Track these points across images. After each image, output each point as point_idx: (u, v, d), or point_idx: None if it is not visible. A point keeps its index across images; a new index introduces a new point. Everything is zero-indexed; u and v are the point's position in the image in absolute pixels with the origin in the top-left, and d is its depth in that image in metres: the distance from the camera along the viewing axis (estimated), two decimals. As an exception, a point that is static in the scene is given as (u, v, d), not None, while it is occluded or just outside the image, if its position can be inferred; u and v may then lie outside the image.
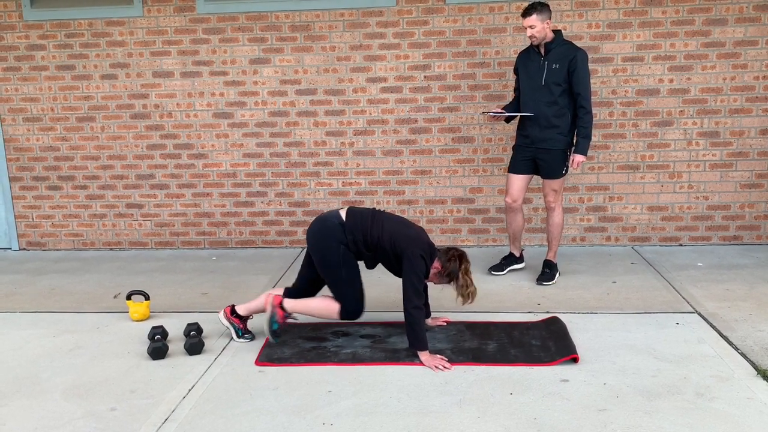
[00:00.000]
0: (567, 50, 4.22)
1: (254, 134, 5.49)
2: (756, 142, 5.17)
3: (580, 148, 4.27)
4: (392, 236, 3.34)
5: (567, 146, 4.33)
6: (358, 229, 3.37)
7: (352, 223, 3.39)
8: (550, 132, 4.29)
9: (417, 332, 3.25)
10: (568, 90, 4.23)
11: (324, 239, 3.40)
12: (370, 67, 5.31)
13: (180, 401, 2.94)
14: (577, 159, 4.28)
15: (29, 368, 3.33)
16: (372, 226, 3.38)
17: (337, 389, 3.00)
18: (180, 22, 5.36)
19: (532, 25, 4.13)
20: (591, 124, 4.26)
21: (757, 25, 5.00)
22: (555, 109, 4.26)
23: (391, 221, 3.45)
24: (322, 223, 3.46)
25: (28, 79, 5.55)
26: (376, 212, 3.49)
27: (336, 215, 3.44)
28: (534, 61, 4.31)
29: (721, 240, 5.34)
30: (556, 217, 4.49)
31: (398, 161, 5.44)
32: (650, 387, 2.95)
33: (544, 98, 4.27)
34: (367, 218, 3.42)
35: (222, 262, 5.28)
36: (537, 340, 3.47)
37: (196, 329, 3.49)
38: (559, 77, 4.21)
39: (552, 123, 4.27)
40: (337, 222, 3.40)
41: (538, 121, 4.30)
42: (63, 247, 5.81)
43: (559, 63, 4.19)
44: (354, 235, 3.36)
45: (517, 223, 4.62)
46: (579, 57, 4.18)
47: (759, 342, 3.39)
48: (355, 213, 3.45)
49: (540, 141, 4.33)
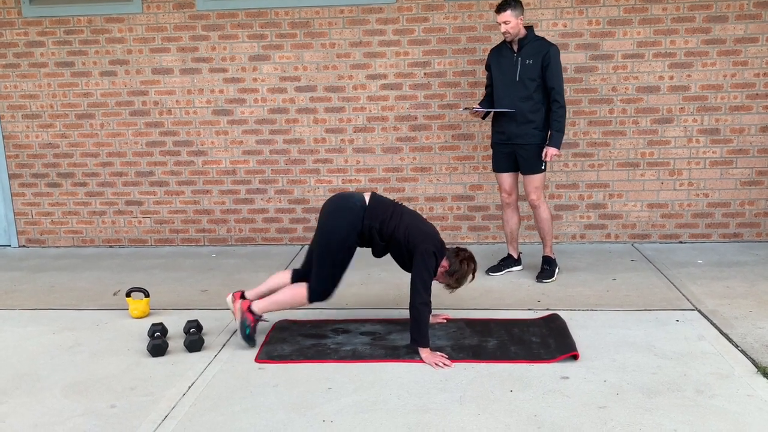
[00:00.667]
0: (540, 46, 4.24)
1: (254, 131, 5.49)
2: (756, 140, 5.16)
3: (553, 141, 4.28)
4: (407, 229, 3.36)
5: (543, 141, 4.34)
6: (378, 216, 3.38)
7: (373, 208, 3.40)
8: (526, 127, 4.30)
9: (421, 328, 3.25)
10: (543, 85, 4.25)
11: (341, 216, 3.39)
12: (370, 63, 5.30)
13: (180, 398, 2.94)
14: (550, 152, 4.28)
15: (29, 365, 3.33)
16: (391, 216, 3.40)
17: (337, 386, 3.00)
18: (179, 18, 5.35)
19: (507, 21, 4.14)
20: (564, 117, 4.28)
21: (758, 22, 4.99)
22: (530, 105, 4.27)
23: (410, 215, 3.48)
24: (346, 200, 3.46)
25: (27, 75, 5.54)
26: (398, 204, 3.52)
27: (360, 198, 3.44)
28: (507, 57, 4.32)
29: (721, 237, 5.34)
30: (543, 213, 4.49)
31: (398, 158, 5.43)
32: (650, 384, 2.95)
33: (519, 94, 4.27)
34: (389, 208, 3.44)
35: (222, 259, 5.28)
36: (537, 337, 3.47)
37: (195, 326, 3.49)
38: (534, 72, 4.22)
39: (528, 118, 4.28)
40: (360, 205, 3.40)
41: (514, 116, 4.31)
42: (62, 244, 5.81)
43: (532, 59, 4.21)
44: (372, 221, 3.37)
45: (514, 221, 4.62)
46: (552, 52, 4.20)
47: (759, 339, 3.39)
48: (379, 200, 3.47)
49: (516, 136, 4.34)
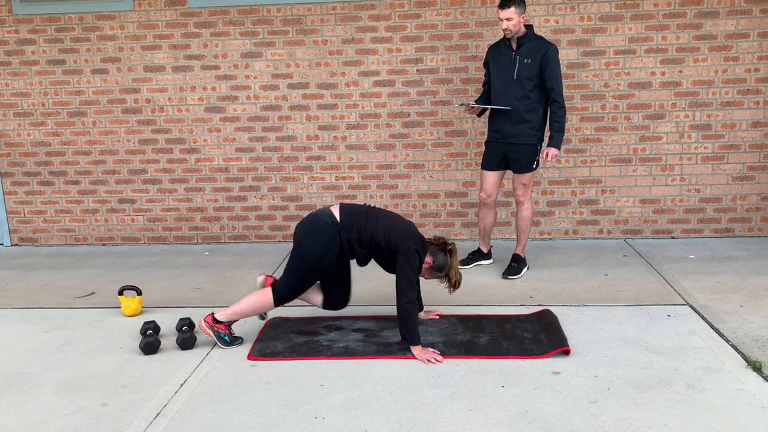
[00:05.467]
0: (539, 45, 4.23)
1: (246, 129, 5.48)
2: (747, 135, 5.18)
3: (553, 142, 4.28)
4: (386, 232, 3.33)
5: (538, 141, 4.36)
6: (353, 227, 3.33)
7: (346, 221, 3.34)
8: (522, 126, 4.30)
9: (410, 326, 3.26)
10: (540, 85, 4.25)
11: (314, 239, 3.33)
12: (363, 60, 5.30)
13: (172, 396, 2.94)
14: (551, 152, 4.28)
15: (21, 364, 3.32)
16: (366, 222, 3.35)
17: (329, 383, 3.01)
18: (171, 15, 5.33)
19: (510, 18, 4.13)
20: (564, 118, 4.29)
21: (749, 18, 5.00)
22: (527, 104, 4.27)
23: (385, 217, 3.43)
24: (317, 220, 3.37)
25: (18, 74, 5.51)
26: (370, 209, 3.45)
27: (329, 214, 3.36)
28: (505, 55, 4.31)
29: (713, 232, 5.36)
30: (525, 211, 4.50)
31: (391, 155, 5.44)
32: (641, 379, 2.96)
33: (515, 93, 4.27)
34: (362, 215, 3.38)
35: (215, 257, 5.27)
36: (529, 332, 3.48)
37: (188, 324, 3.49)
38: (531, 72, 4.21)
39: (524, 118, 4.29)
40: (330, 222, 3.33)
41: (509, 115, 4.31)
42: (55, 242, 5.79)
43: (530, 58, 4.20)
44: (348, 233, 3.32)
45: (489, 219, 4.64)
46: (551, 52, 4.20)
47: (749, 334, 3.41)
48: (349, 211, 3.39)
49: (511, 135, 4.34)
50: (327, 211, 3.40)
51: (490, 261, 4.76)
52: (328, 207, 3.46)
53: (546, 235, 5.46)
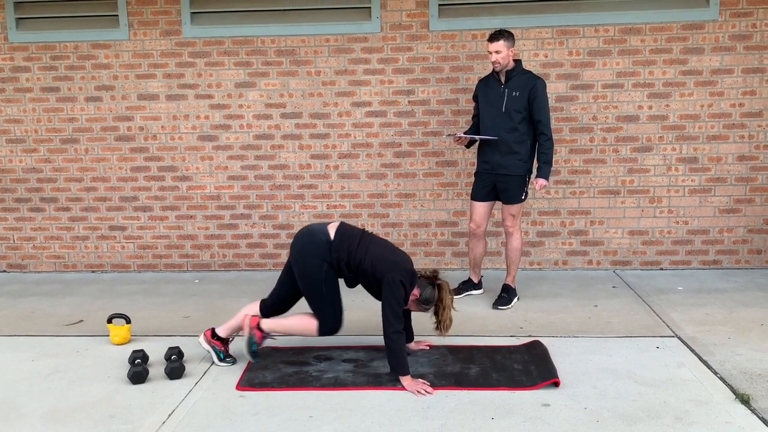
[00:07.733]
0: (527, 79, 4.33)
1: (239, 157, 5.51)
2: (733, 168, 5.26)
3: (542, 173, 4.36)
4: (374, 260, 3.35)
5: (526, 172, 4.43)
6: (344, 249, 3.38)
7: (339, 242, 3.39)
8: (511, 158, 4.37)
9: (398, 357, 3.25)
10: (528, 117, 4.33)
11: (308, 255, 3.40)
12: (355, 91, 5.37)
13: (159, 426, 2.91)
14: (540, 183, 4.36)
15: (7, 393, 3.28)
16: (358, 247, 3.39)
17: (318, 414, 2.99)
18: (166, 45, 5.39)
19: (498, 50, 4.24)
20: (552, 149, 4.38)
21: (733, 54, 5.12)
22: (515, 136, 4.34)
23: (377, 245, 3.45)
24: (309, 237, 3.46)
25: (12, 100, 5.54)
26: (365, 234, 3.49)
27: (324, 231, 3.43)
28: (494, 88, 4.40)
29: (701, 264, 5.41)
30: (515, 242, 4.55)
31: (382, 184, 5.47)
32: (630, 411, 2.97)
33: (504, 125, 4.35)
34: (355, 239, 3.42)
35: (205, 285, 5.26)
36: (519, 364, 3.48)
37: (177, 353, 3.47)
38: (520, 105, 4.30)
39: (512, 149, 4.36)
40: (325, 239, 3.40)
41: (498, 147, 4.38)
42: (44, 269, 5.76)
43: (519, 91, 4.29)
44: (339, 254, 3.37)
45: (479, 249, 4.68)
46: (539, 85, 4.30)
47: (737, 366, 3.43)
48: (345, 232, 3.44)
49: (500, 167, 4.41)
50: (323, 228, 3.46)
51: (480, 291, 4.79)
52: (326, 223, 3.50)
53: (536, 265, 5.49)
